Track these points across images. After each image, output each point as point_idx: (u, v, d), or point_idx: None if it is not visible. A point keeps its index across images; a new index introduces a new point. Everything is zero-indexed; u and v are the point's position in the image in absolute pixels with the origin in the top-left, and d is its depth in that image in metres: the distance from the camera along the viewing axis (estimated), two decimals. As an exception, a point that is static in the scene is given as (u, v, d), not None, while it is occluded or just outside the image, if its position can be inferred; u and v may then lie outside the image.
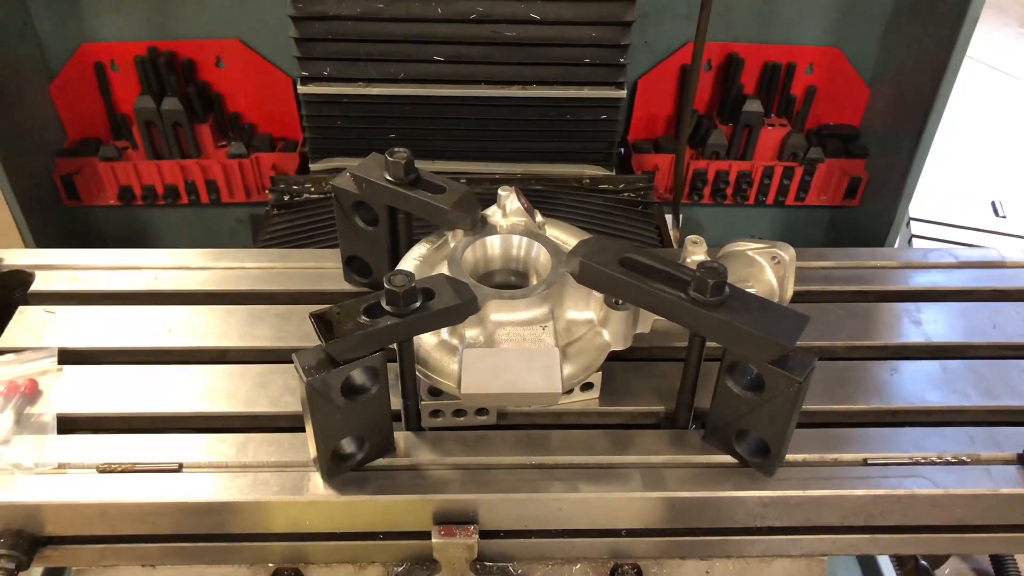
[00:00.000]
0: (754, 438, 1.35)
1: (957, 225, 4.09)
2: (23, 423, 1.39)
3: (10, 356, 1.49)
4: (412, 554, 1.39)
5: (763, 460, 1.35)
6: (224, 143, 2.53)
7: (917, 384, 1.53)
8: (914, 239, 3.68)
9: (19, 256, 1.73)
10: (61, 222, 2.53)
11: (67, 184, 2.49)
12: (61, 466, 1.33)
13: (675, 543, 1.41)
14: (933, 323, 1.65)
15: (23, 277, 1.68)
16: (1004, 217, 4.33)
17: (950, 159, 4.31)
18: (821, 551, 1.44)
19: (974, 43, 2.16)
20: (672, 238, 2.44)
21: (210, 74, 2.48)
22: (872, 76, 2.51)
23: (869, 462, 1.38)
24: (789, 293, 1.46)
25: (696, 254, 1.42)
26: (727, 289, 1.23)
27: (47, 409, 1.41)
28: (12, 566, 1.28)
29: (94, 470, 1.33)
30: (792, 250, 1.45)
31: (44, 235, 2.40)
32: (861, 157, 2.57)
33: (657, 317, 1.36)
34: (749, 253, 1.45)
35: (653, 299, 1.27)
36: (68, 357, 1.52)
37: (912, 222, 3.64)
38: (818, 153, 2.56)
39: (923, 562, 2.85)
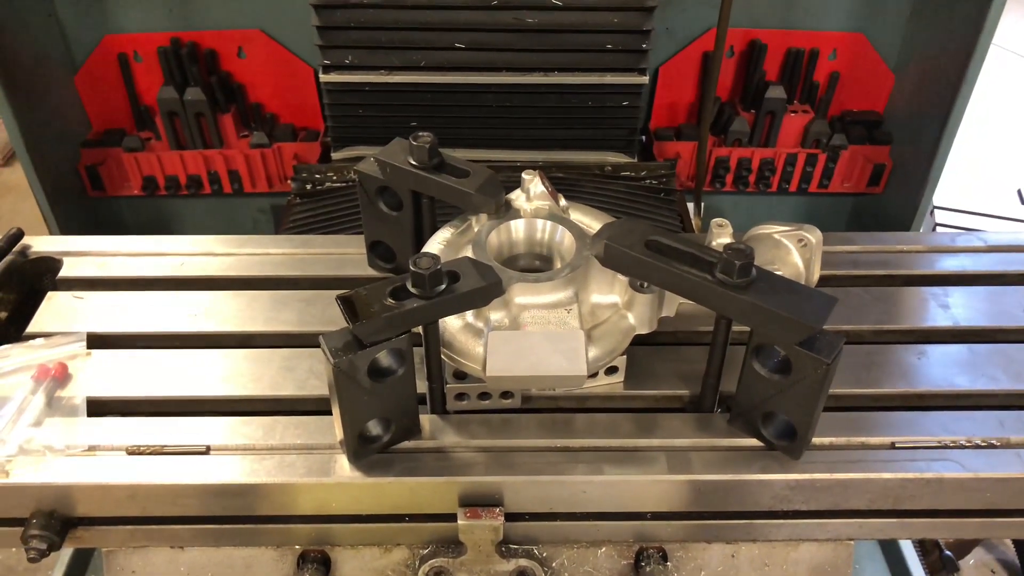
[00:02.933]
0: (781, 421, 1.34)
1: (982, 213, 4.05)
2: (54, 406, 1.40)
3: (40, 341, 1.51)
4: (438, 536, 1.40)
5: (790, 443, 1.34)
6: (246, 133, 2.55)
7: (945, 368, 1.51)
8: (938, 227, 3.65)
9: (47, 243, 1.75)
10: (86, 213, 2.56)
11: (92, 175, 2.52)
12: (91, 448, 1.35)
13: (700, 526, 1.40)
14: (961, 307, 1.64)
15: (51, 264, 1.70)
16: (1030, 206, 4.29)
17: (975, 147, 4.27)
18: (848, 535, 1.43)
19: (1001, 31, 2.14)
20: (694, 226, 2.43)
21: (232, 64, 2.49)
22: (897, 62, 2.48)
23: (897, 445, 1.37)
24: (815, 276, 1.45)
25: (722, 237, 1.41)
26: (754, 271, 1.22)
27: (77, 392, 1.43)
28: (44, 546, 1.29)
29: (123, 452, 1.34)
30: (819, 233, 1.44)
31: (70, 226, 2.44)
32: (885, 144, 2.55)
33: (683, 300, 1.35)
34: (775, 236, 1.44)
35: (679, 281, 1.26)
36: (96, 342, 1.53)
37: (936, 210, 3.61)
38: (842, 140, 2.54)
39: (948, 552, 2.83)
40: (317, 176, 2.34)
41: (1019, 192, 4.34)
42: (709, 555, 1.49)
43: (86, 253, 1.73)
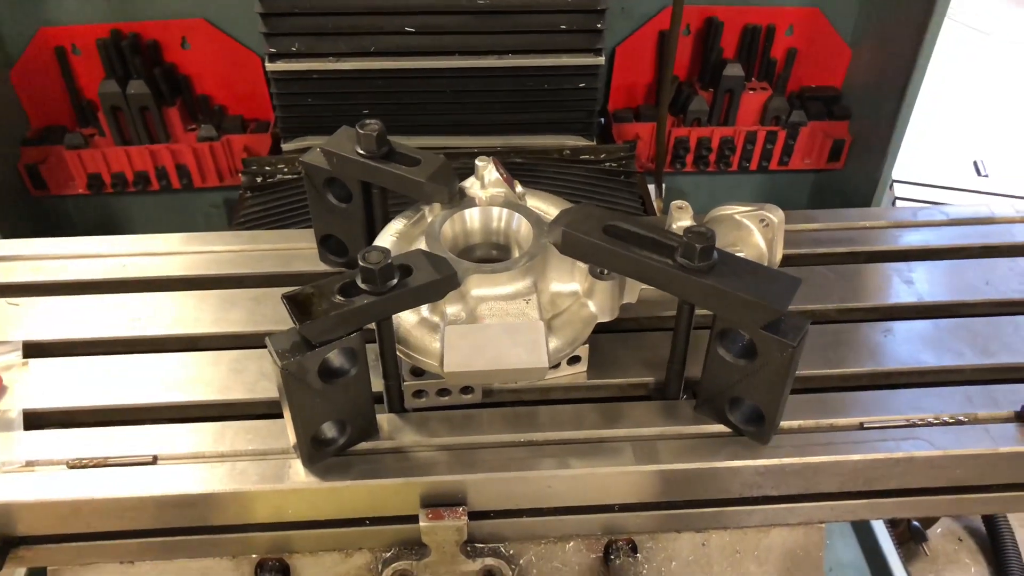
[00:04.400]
0: (748, 406, 1.31)
1: (940, 186, 4.08)
2: (-12, 420, 1.34)
3: (-28, 352, 1.44)
4: (400, 539, 1.36)
5: (757, 428, 1.31)
6: (194, 126, 2.46)
7: (911, 344, 1.50)
8: (897, 201, 3.66)
9: (-22, 248, 1.67)
10: (29, 213, 2.46)
11: (33, 174, 2.42)
12: (29, 464, 1.28)
13: (670, 516, 1.38)
14: (925, 282, 1.62)
15: (-16, 270, 1.63)
16: (986, 176, 4.32)
17: (931, 120, 4.29)
18: (819, 518, 1.41)
19: (956, 4, 2.13)
20: (655, 207, 2.39)
21: (176, 55, 2.41)
22: (853, 36, 2.46)
23: (865, 426, 1.35)
24: (778, 256, 1.42)
25: (682, 220, 1.38)
26: (715, 254, 1.19)
27: (12, 406, 1.36)
28: (-18, 569, 1.23)
29: (64, 466, 1.28)
30: (780, 212, 1.41)
31: (12, 228, 2.34)
32: (844, 119, 2.54)
33: (644, 286, 1.32)
34: (736, 217, 1.41)
35: (639, 267, 1.22)
36: (33, 350, 1.46)
37: (895, 184, 3.62)
38: (800, 116, 2.52)
39: (915, 523, 2.87)
40: (267, 168, 2.27)
41: (975, 164, 4.37)
42: (679, 545, 1.47)
43: (20, 257, 1.65)
